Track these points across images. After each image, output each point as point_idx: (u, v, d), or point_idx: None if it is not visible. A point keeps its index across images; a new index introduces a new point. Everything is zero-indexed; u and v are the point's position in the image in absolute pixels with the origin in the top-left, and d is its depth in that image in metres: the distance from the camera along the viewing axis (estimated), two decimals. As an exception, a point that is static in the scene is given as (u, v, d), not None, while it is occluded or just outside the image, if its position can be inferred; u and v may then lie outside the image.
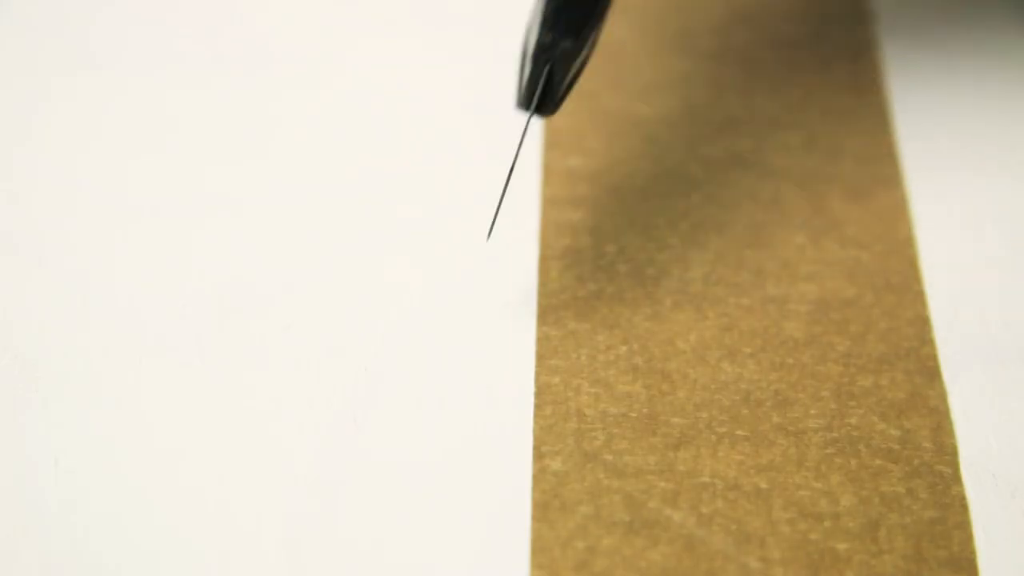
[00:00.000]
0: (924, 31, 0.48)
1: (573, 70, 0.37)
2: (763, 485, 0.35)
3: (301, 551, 0.33)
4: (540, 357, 0.38)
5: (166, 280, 0.39)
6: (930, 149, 0.44)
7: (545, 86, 0.37)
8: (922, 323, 0.39)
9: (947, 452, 0.36)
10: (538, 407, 0.36)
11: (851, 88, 0.46)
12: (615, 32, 0.47)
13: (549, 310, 0.39)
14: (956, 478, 0.35)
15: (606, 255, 0.40)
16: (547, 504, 0.34)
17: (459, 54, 0.47)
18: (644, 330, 0.38)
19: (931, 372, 0.37)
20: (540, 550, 0.34)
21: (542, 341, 0.38)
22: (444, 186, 0.42)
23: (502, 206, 0.38)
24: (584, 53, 0.37)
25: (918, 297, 0.39)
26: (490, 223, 0.38)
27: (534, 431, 0.36)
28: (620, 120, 0.44)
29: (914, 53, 0.47)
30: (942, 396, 0.37)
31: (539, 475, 0.35)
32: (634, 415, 0.36)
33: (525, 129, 0.37)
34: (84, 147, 0.43)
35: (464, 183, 0.42)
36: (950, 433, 0.36)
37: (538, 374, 0.37)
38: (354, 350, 0.38)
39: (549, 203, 0.41)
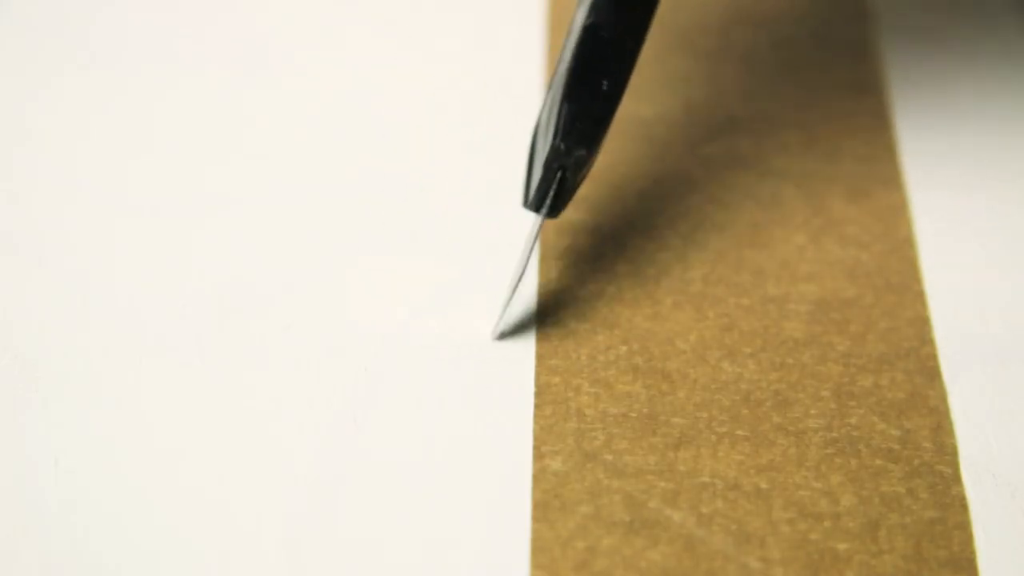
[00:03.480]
0: (924, 31, 0.48)
1: (582, 176, 0.38)
2: (763, 485, 0.35)
3: (301, 551, 0.33)
4: (540, 357, 0.38)
5: (166, 280, 0.39)
6: (930, 149, 0.43)
7: (556, 191, 0.37)
8: (922, 323, 0.39)
9: (947, 452, 0.36)
10: (538, 407, 0.36)
11: (851, 88, 0.46)
12: (615, 32, 0.47)
13: (549, 310, 0.39)
14: (956, 478, 0.35)
15: (606, 255, 0.40)
16: (547, 504, 0.34)
17: (458, 52, 0.47)
18: (644, 330, 0.38)
19: (931, 372, 0.37)
20: (540, 550, 0.34)
21: (542, 341, 0.38)
22: (444, 186, 0.42)
23: (512, 298, 0.38)
24: (594, 160, 0.38)
25: (918, 297, 0.39)
26: (499, 317, 0.38)
27: (534, 431, 0.36)
28: (620, 120, 0.43)
29: (914, 53, 0.47)
30: (942, 396, 0.37)
31: (539, 475, 0.35)
32: (634, 415, 0.36)
33: (537, 233, 0.38)
34: (84, 147, 0.43)
35: (464, 183, 0.42)
36: (950, 433, 0.36)
37: (538, 374, 0.37)
38: (354, 350, 0.38)
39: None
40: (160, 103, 0.45)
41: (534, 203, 0.38)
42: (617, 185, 0.42)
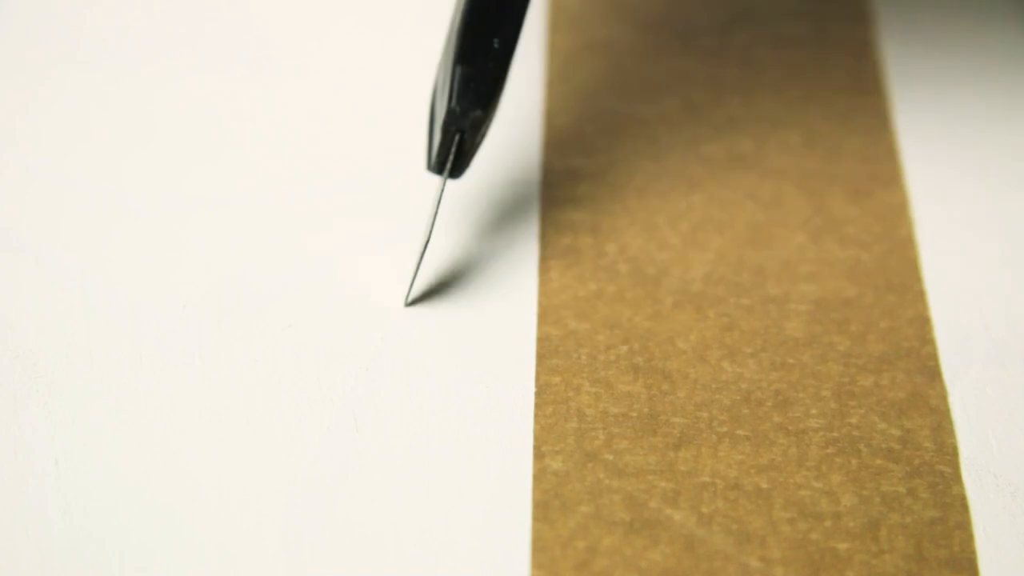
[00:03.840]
0: (924, 31, 0.48)
1: (481, 136, 0.38)
2: (764, 485, 0.35)
3: (301, 551, 0.33)
4: (540, 357, 0.38)
5: (166, 279, 0.39)
6: (930, 149, 0.43)
7: (456, 152, 0.38)
8: (922, 323, 0.39)
9: (947, 452, 0.36)
10: (538, 407, 0.36)
11: (851, 88, 0.46)
12: (615, 32, 0.47)
13: (549, 310, 0.39)
14: (956, 478, 0.35)
15: (606, 255, 0.40)
16: (547, 504, 0.34)
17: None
18: (644, 330, 0.38)
19: (931, 372, 0.37)
20: (540, 550, 0.34)
21: (542, 341, 0.38)
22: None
23: (422, 262, 0.39)
24: (491, 118, 0.38)
25: (918, 297, 0.39)
26: (410, 283, 0.38)
27: (535, 431, 0.36)
28: (620, 120, 0.44)
29: (914, 53, 0.47)
30: (942, 396, 0.37)
31: (539, 475, 0.35)
32: (634, 415, 0.36)
33: (440, 194, 0.38)
34: (82, 145, 0.43)
35: (464, 181, 0.42)
36: (950, 433, 0.36)
37: (539, 374, 0.37)
38: (354, 350, 0.38)
39: (549, 203, 0.41)
40: (159, 100, 0.45)
41: (436, 166, 0.39)
42: (617, 185, 0.42)
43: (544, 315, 0.39)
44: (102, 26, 0.48)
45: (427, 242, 0.38)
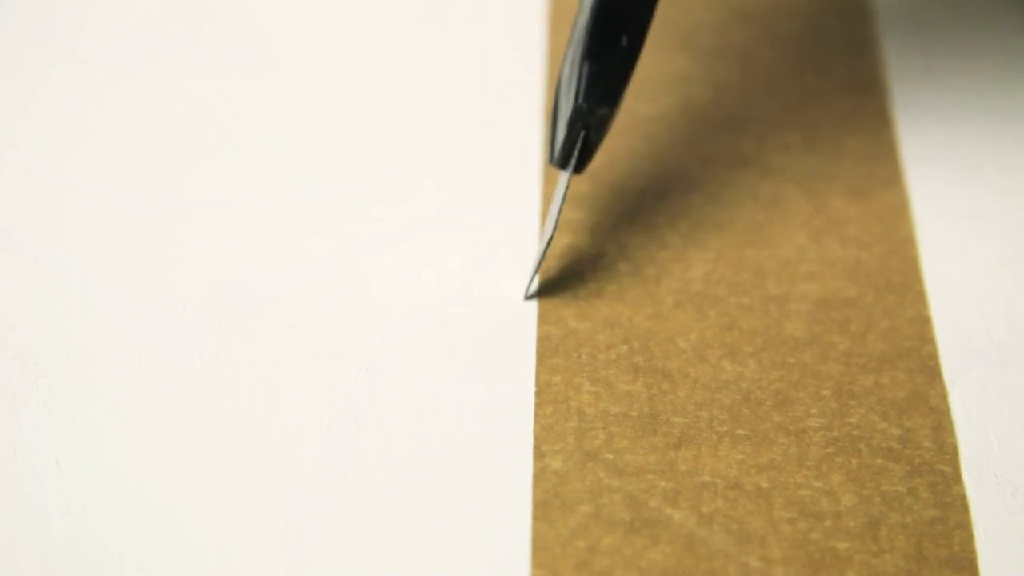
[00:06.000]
0: (925, 30, 0.48)
1: (605, 132, 0.39)
2: (764, 484, 0.35)
3: (302, 550, 0.33)
4: (541, 356, 0.38)
5: (166, 279, 0.39)
6: (931, 148, 0.43)
7: (581, 149, 0.38)
8: (923, 322, 0.39)
9: (948, 451, 0.36)
10: (539, 406, 0.36)
11: (852, 87, 0.46)
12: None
13: (550, 309, 0.39)
14: (957, 477, 0.35)
15: (607, 254, 0.40)
16: (548, 503, 0.34)
17: (454, 49, 0.47)
18: (645, 329, 0.38)
19: (932, 371, 0.37)
20: (541, 549, 0.34)
21: (543, 340, 0.38)
22: (445, 185, 0.42)
23: (544, 257, 0.39)
24: (615, 115, 0.38)
25: (919, 296, 0.39)
26: (531, 276, 0.39)
27: (535, 430, 0.36)
28: (620, 119, 0.44)
29: (915, 52, 0.47)
30: (943, 395, 0.37)
31: (540, 474, 0.35)
32: (635, 414, 0.36)
33: (566, 190, 0.39)
34: (82, 145, 0.43)
35: (465, 181, 0.42)
36: (951, 432, 0.36)
37: (539, 373, 0.37)
38: (354, 350, 0.38)
39: (549, 202, 0.41)
40: (159, 100, 0.45)
41: (559, 161, 0.39)
42: (617, 184, 0.42)
43: (544, 314, 0.39)
44: (102, 26, 0.48)
45: (551, 238, 0.38)
